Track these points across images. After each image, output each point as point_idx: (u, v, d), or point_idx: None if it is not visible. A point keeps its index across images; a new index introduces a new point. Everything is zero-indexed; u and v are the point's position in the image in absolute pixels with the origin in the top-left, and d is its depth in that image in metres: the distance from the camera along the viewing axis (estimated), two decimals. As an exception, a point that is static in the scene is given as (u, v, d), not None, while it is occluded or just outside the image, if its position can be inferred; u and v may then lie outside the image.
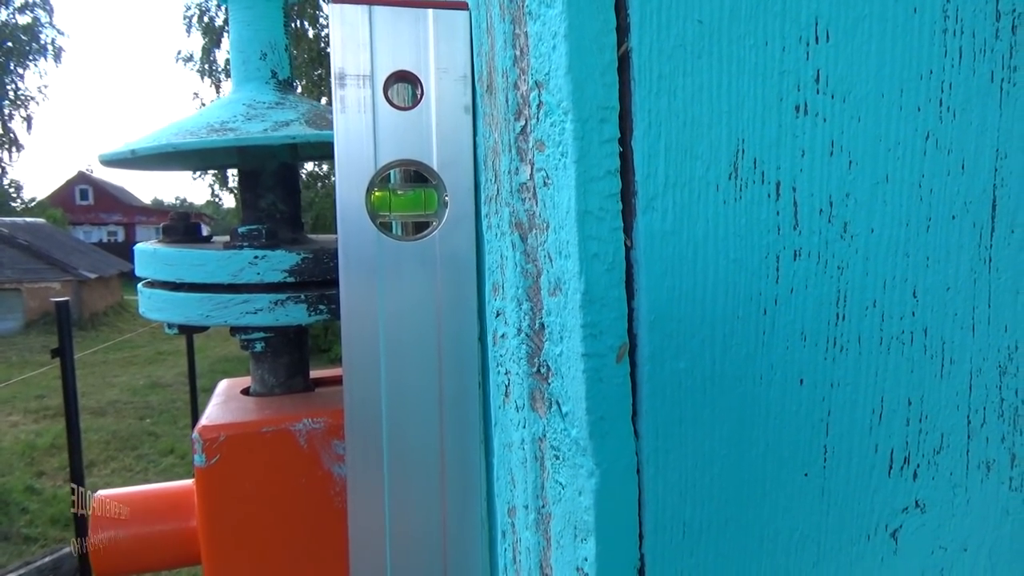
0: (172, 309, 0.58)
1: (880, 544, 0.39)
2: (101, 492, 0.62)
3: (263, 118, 0.56)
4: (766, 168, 0.35)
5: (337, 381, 0.72)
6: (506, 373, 0.41)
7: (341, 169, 0.46)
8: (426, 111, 0.47)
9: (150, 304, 0.59)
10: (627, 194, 0.34)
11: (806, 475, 0.38)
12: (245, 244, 0.57)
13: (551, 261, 0.35)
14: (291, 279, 0.57)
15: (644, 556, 0.35)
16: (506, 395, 0.41)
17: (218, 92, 13.73)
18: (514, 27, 0.36)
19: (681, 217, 0.34)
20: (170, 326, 0.62)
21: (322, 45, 13.09)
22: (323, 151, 0.72)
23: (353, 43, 0.46)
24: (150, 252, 0.59)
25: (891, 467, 0.39)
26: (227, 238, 0.66)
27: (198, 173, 16.79)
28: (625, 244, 0.34)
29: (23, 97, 27.30)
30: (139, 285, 0.62)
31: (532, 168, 0.35)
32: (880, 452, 0.39)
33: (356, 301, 0.47)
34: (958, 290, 0.39)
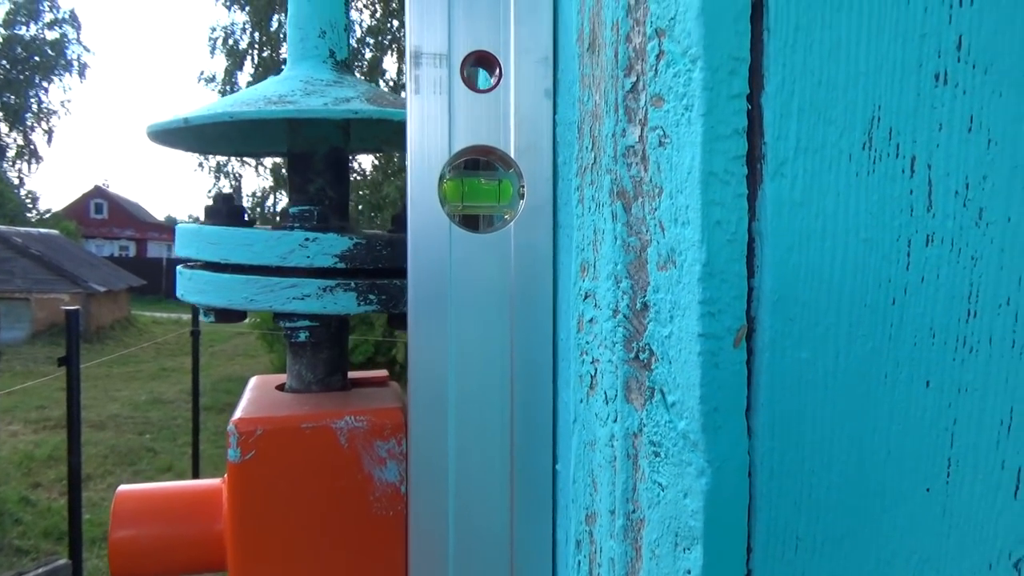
0: (214, 291, 0.54)
1: (1002, 575, 0.35)
2: (124, 487, 0.58)
3: (322, 94, 0.54)
4: (902, 140, 0.32)
5: (374, 383, 0.68)
6: (593, 362, 0.37)
7: (414, 154, 0.43)
8: (504, 94, 0.44)
9: (190, 285, 0.56)
10: (752, 159, 0.30)
11: (928, 490, 0.34)
12: (296, 225, 0.53)
13: (663, 231, 0.31)
14: (341, 265, 0.53)
15: (751, 572, 0.31)
16: (591, 387, 0.37)
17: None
18: (629, -26, 0.32)
19: (811, 187, 0.30)
20: (207, 312, 0.59)
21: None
22: (375, 142, 0.69)
23: (430, 20, 0.43)
24: (193, 231, 0.56)
25: (1017, 488, 0.35)
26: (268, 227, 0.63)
27: (213, 191, 16.89)
28: (748, 214, 0.30)
29: (46, 110, 27.65)
30: (178, 267, 0.59)
31: (644, 128, 0.32)
32: (1007, 470, 0.35)
33: (425, 294, 0.44)
34: (1101, 291, 0.35)
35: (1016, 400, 0.35)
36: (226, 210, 0.60)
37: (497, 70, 0.44)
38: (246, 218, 0.61)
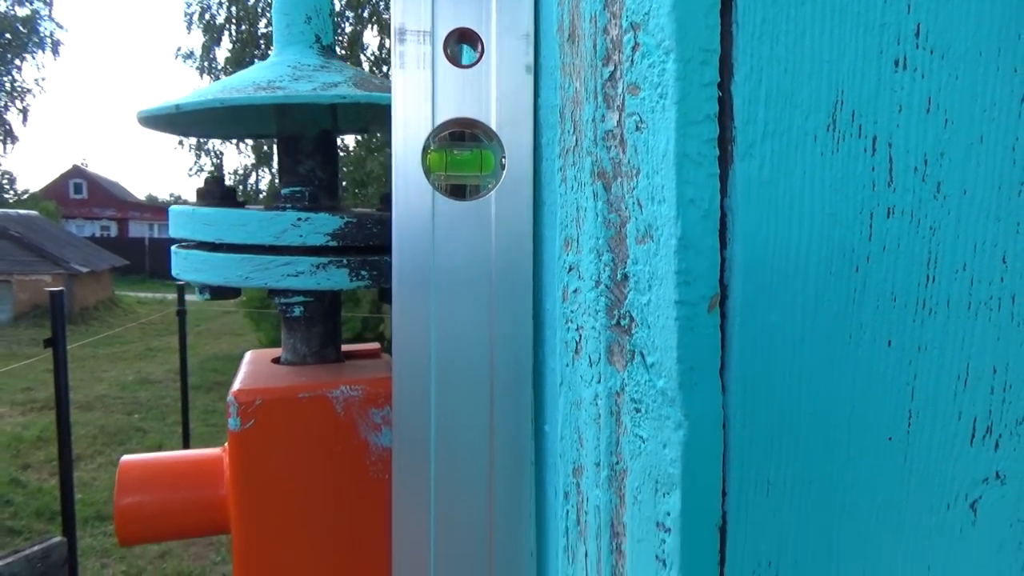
0: (210, 270, 0.56)
1: (959, 514, 0.38)
2: (127, 456, 0.60)
3: (310, 79, 0.55)
4: (864, 122, 0.34)
5: (367, 355, 0.71)
6: (578, 329, 0.40)
7: (398, 127, 0.45)
8: (486, 69, 0.46)
9: (186, 265, 0.58)
10: (724, 141, 0.32)
11: (890, 439, 0.37)
12: (288, 205, 0.55)
13: (640, 208, 0.33)
14: (333, 243, 0.55)
15: (727, 514, 0.34)
16: (576, 352, 0.40)
17: (217, 89, 13.59)
18: (607, -34, 0.34)
19: (778, 167, 0.33)
20: (202, 289, 0.61)
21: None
22: (361, 122, 0.71)
23: (415, -1, 0.45)
24: (188, 212, 0.57)
25: (973, 436, 0.38)
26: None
27: (194, 169, 16.74)
28: (720, 192, 0.33)
29: (20, 89, 27.16)
30: (173, 247, 0.61)
31: (621, 114, 0.34)
32: (963, 420, 0.38)
33: (408, 261, 0.46)
34: (1048, 257, 0.38)
35: (972, 356, 0.38)
36: (219, 192, 0.61)
37: (479, 46, 0.46)
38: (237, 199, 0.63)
